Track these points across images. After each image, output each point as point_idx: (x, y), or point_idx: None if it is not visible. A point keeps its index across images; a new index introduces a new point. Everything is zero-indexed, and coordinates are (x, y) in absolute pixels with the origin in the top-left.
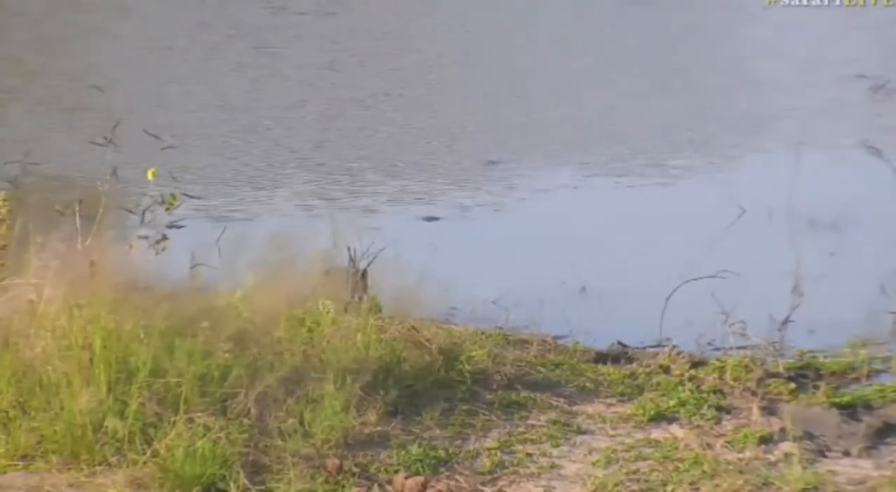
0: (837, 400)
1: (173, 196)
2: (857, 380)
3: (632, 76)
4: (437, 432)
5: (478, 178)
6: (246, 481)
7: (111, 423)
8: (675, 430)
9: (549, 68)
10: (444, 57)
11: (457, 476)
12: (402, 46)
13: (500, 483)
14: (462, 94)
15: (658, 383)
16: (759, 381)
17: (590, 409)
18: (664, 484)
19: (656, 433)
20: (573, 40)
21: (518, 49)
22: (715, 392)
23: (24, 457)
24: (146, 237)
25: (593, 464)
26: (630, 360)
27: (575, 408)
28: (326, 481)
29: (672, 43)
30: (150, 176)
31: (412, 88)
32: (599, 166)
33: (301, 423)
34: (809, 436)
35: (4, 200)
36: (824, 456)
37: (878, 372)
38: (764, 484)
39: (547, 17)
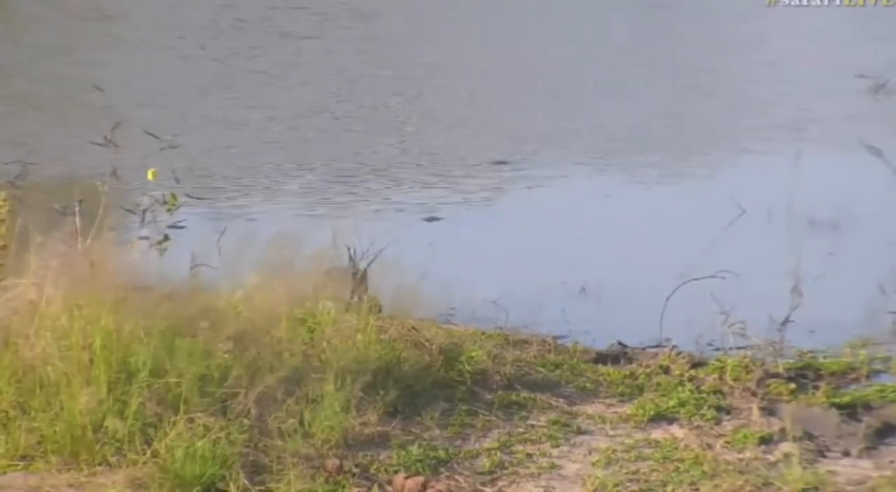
0: (837, 400)
1: (174, 197)
2: (856, 380)
3: (635, 77)
4: (437, 432)
5: (478, 178)
6: (246, 482)
7: (111, 423)
8: (675, 430)
9: (559, 69)
10: (454, 58)
11: (457, 476)
12: (415, 49)
13: (500, 483)
14: (469, 94)
15: (658, 384)
16: (759, 381)
17: (590, 409)
18: (664, 484)
19: (656, 434)
20: (585, 41)
21: (529, 50)
22: (715, 392)
23: (23, 457)
24: (147, 238)
25: (593, 464)
26: (630, 360)
27: (575, 408)
28: (326, 482)
29: (673, 44)
30: (150, 176)
31: (419, 89)
32: (600, 167)
33: (301, 423)
34: (809, 436)
35: (4, 201)
36: (824, 456)
37: (878, 372)
38: (764, 484)
39: (564, 18)
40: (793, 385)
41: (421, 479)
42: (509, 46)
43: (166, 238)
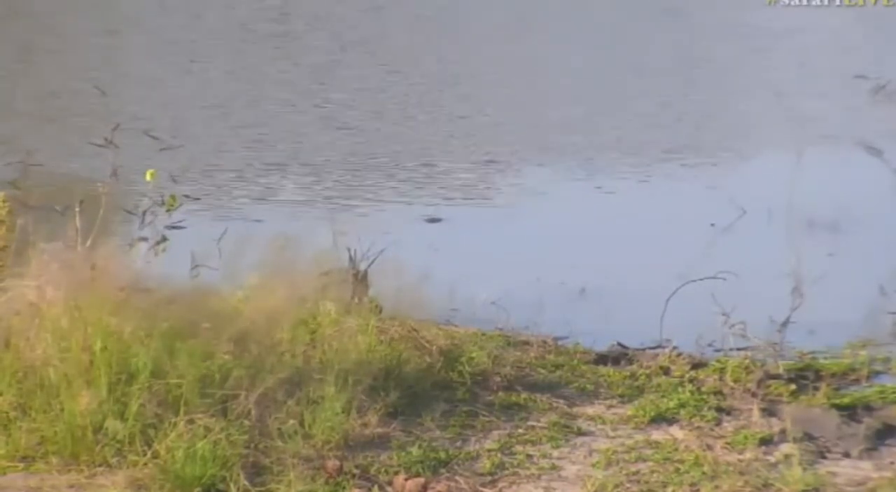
0: (837, 401)
1: (173, 198)
2: (857, 381)
3: (637, 78)
4: (438, 433)
5: (479, 179)
6: (246, 483)
7: (111, 424)
8: (676, 431)
9: (560, 70)
10: (458, 61)
11: (457, 477)
12: (418, 53)
13: (500, 484)
14: (467, 94)
15: (658, 385)
16: (760, 382)
17: (590, 410)
18: (664, 485)
19: (656, 435)
20: (589, 43)
21: (531, 51)
22: (715, 393)
23: (24, 458)
24: (146, 239)
25: (593, 465)
26: (630, 361)
27: (575, 409)
28: (326, 483)
29: (674, 43)
30: (148, 177)
31: (415, 89)
32: (600, 167)
33: (301, 424)
34: (809, 437)
35: (4, 201)
36: (824, 457)
37: (878, 373)
38: (764, 485)
39: (571, 20)
40: (793, 386)
41: (421, 480)
42: (518, 52)
43: (164, 239)
